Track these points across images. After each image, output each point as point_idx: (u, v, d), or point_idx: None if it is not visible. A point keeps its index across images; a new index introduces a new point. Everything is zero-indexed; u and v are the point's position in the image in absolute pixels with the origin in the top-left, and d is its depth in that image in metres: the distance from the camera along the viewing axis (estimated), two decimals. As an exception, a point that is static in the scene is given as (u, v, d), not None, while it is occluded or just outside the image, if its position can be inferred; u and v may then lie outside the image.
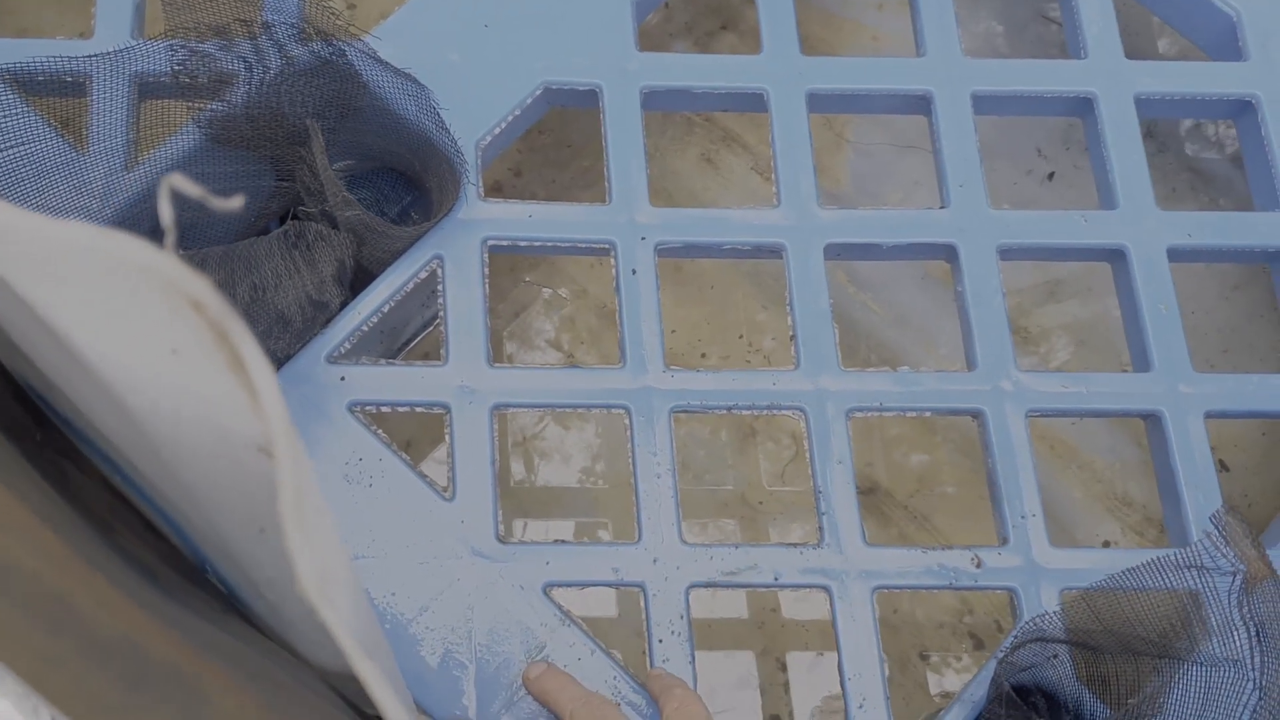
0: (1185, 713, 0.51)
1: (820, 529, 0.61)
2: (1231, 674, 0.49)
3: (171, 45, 0.59)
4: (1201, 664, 0.50)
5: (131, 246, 0.19)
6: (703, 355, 0.80)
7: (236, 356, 0.20)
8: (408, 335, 0.75)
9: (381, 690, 0.23)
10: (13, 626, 0.24)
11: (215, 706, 0.30)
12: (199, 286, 0.19)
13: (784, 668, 0.75)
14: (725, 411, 0.63)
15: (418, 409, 0.62)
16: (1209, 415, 0.62)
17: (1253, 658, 0.48)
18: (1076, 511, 0.76)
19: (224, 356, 0.20)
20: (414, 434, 0.77)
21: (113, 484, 0.58)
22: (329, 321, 0.63)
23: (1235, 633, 0.48)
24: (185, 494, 0.38)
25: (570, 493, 0.77)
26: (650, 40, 0.68)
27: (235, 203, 0.21)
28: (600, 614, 0.75)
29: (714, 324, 0.81)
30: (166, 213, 0.21)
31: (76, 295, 0.24)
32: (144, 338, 0.23)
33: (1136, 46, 0.69)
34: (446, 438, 0.61)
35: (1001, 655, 0.58)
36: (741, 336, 0.81)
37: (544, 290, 0.80)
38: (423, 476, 0.60)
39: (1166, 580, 0.50)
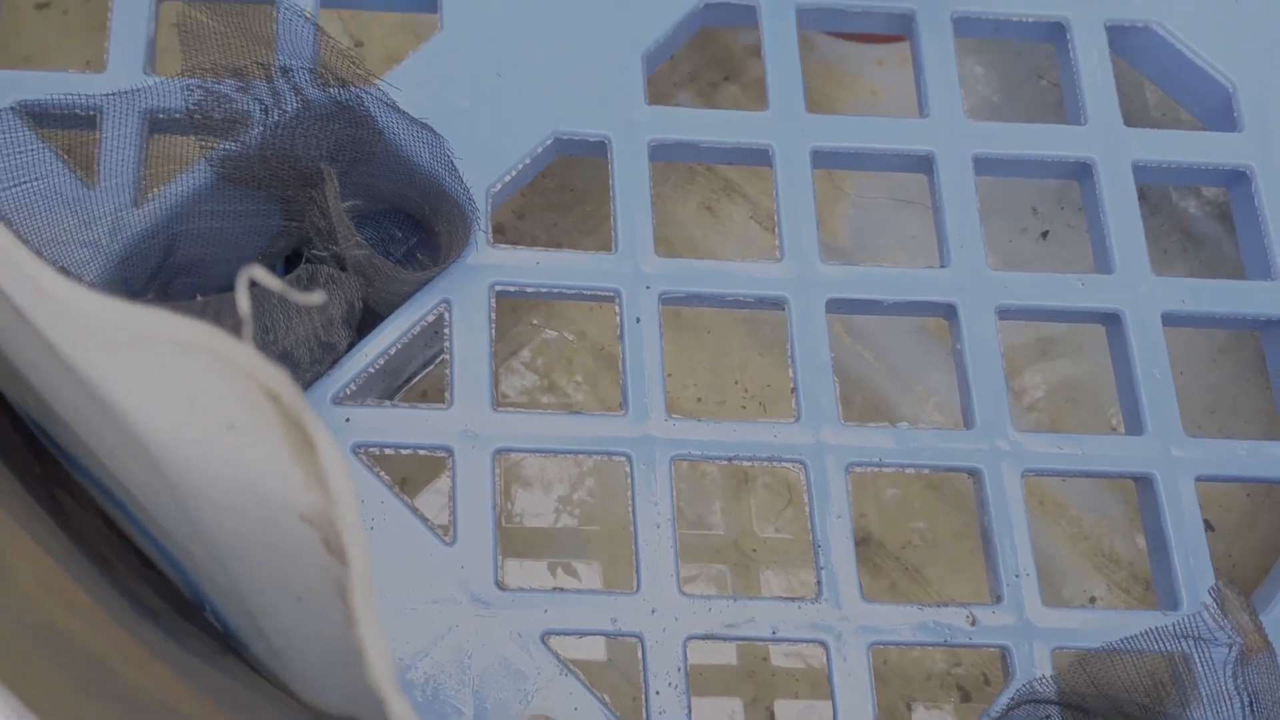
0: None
1: (819, 583, 0.61)
2: (1222, 741, 0.50)
3: (188, 85, 0.60)
4: (1193, 730, 0.51)
5: (211, 336, 0.19)
6: (698, 400, 0.81)
7: (308, 443, 0.20)
8: (408, 374, 0.76)
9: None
10: (62, 693, 0.25)
11: None
12: (276, 378, 0.19)
13: (772, 716, 0.75)
14: (726, 461, 0.63)
15: (421, 451, 0.62)
16: (1200, 479, 0.64)
17: (1244, 726, 0.49)
18: (1064, 567, 0.77)
19: (290, 440, 0.20)
20: (410, 471, 0.77)
21: (107, 515, 0.58)
22: (335, 363, 0.63)
23: (1229, 703, 0.49)
24: (203, 543, 0.38)
25: (561, 533, 0.78)
26: (654, 89, 0.69)
27: (316, 298, 0.22)
28: (591, 658, 0.75)
29: (709, 369, 0.82)
30: (244, 304, 0.21)
31: (128, 363, 0.24)
32: (200, 410, 0.23)
33: (1129, 109, 0.71)
34: (449, 481, 0.61)
35: (994, 716, 0.59)
36: (737, 382, 0.82)
37: (545, 331, 0.81)
38: (424, 520, 0.61)
39: (1162, 648, 0.51)
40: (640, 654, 0.59)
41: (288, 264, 0.70)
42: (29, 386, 0.42)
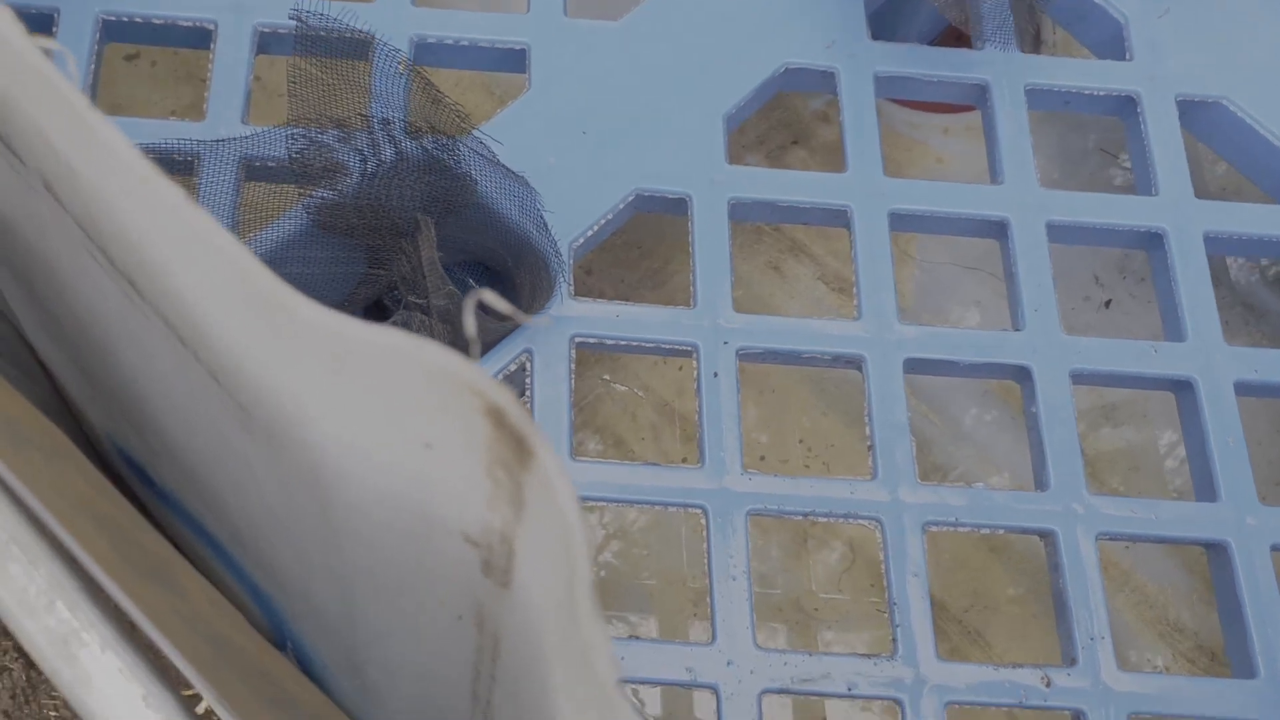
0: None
1: (894, 640, 0.61)
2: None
3: (292, 134, 0.62)
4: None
5: (442, 354, 0.20)
6: (761, 458, 0.82)
7: (528, 454, 0.21)
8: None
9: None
10: (243, 697, 0.25)
11: None
12: (502, 394, 0.20)
13: (837, 778, 0.75)
14: (802, 517, 0.64)
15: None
16: (1275, 548, 0.64)
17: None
18: (1128, 635, 0.77)
19: (498, 455, 0.21)
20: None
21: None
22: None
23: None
24: (329, 569, 0.39)
25: (621, 588, 0.78)
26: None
27: (544, 320, 0.23)
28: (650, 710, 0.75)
29: (772, 426, 0.83)
30: (471, 325, 0.22)
31: (338, 378, 0.25)
32: (401, 427, 0.24)
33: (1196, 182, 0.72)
34: (528, 528, 0.62)
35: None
36: (801, 441, 0.83)
37: (613, 385, 0.82)
38: (503, 566, 0.61)
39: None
40: (715, 705, 0.59)
41: (366, 314, 0.72)
42: (135, 421, 0.43)
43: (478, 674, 0.38)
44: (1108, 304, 0.84)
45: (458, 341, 0.65)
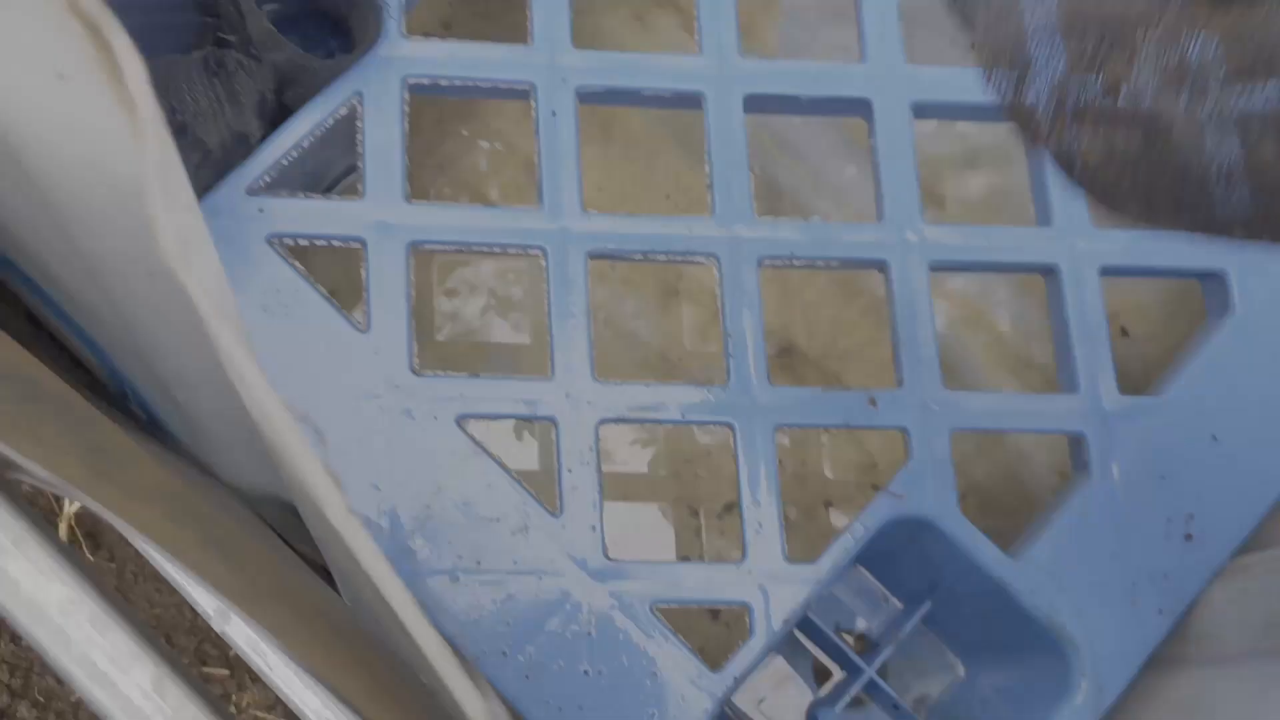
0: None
1: (727, 371, 0.63)
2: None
3: None
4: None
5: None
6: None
7: (107, 48, 0.20)
8: (330, 180, 0.76)
9: (244, 360, 0.24)
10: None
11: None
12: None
13: (696, 514, 0.78)
14: (641, 257, 0.64)
15: (335, 243, 0.63)
16: (1105, 270, 0.65)
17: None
18: (979, 372, 0.79)
19: (103, 66, 0.21)
20: (338, 283, 0.78)
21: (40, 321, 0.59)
22: (249, 155, 0.63)
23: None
24: (82, 262, 0.38)
25: (485, 339, 0.79)
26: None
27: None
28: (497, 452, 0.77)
29: (640, 183, 0.82)
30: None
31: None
32: (31, 59, 0.24)
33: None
34: (363, 272, 0.62)
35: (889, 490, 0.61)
36: (669, 197, 0.82)
37: (478, 142, 0.81)
38: (339, 309, 0.61)
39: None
40: (554, 436, 0.61)
41: (204, 65, 0.70)
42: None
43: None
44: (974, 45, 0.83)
45: (288, 92, 0.64)
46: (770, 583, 0.60)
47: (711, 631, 0.77)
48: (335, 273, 0.78)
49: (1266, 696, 0.50)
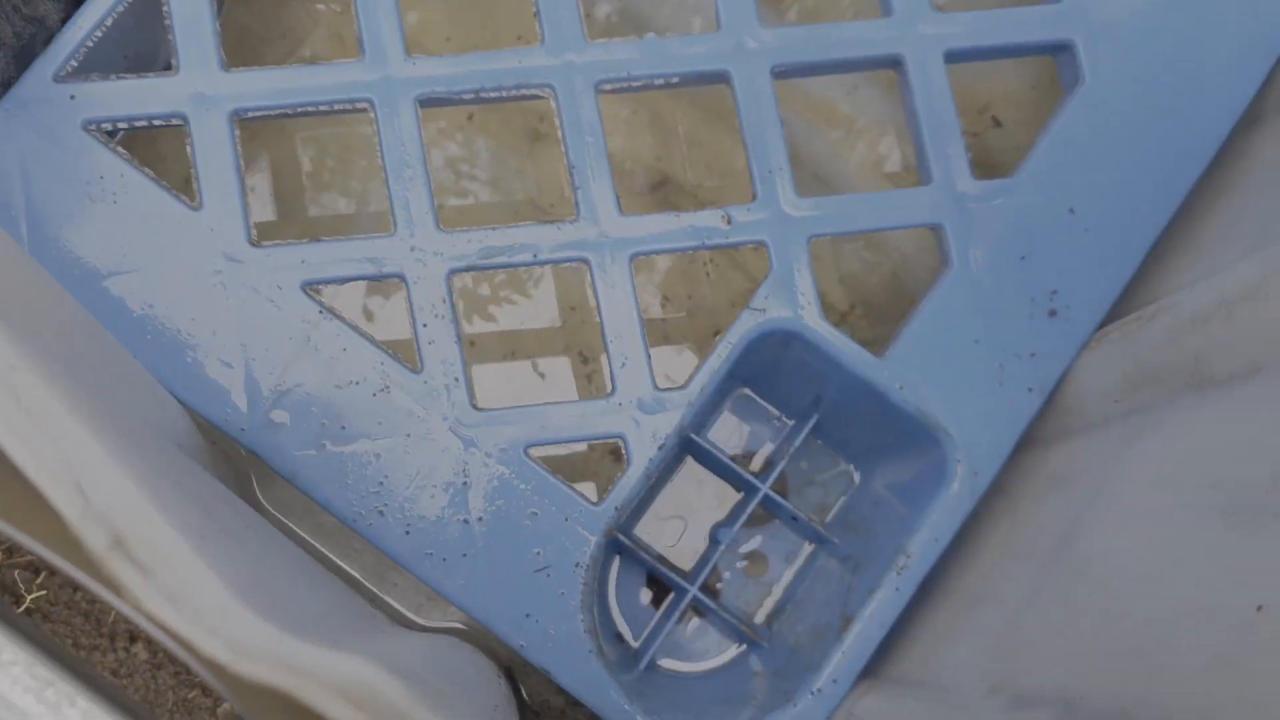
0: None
1: (575, 204, 0.61)
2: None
3: None
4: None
5: None
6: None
7: None
8: (164, 64, 0.73)
9: None
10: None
11: None
12: None
13: (586, 360, 0.77)
14: (473, 97, 0.62)
15: (155, 122, 0.60)
16: (948, 57, 0.63)
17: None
18: (852, 179, 0.78)
19: None
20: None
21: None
22: (50, 40, 0.60)
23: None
24: None
25: (333, 210, 0.77)
26: None
27: None
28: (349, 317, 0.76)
29: (487, 28, 0.79)
30: None
31: None
32: None
33: None
34: (187, 149, 0.60)
35: (754, 306, 0.61)
36: (520, 37, 0.79)
37: (315, 6, 0.78)
38: (167, 189, 0.59)
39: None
40: (406, 292, 0.60)
41: None
42: None
43: None
44: None
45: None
46: (641, 412, 0.60)
47: (615, 472, 0.78)
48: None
49: (1121, 456, 0.51)
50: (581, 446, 0.76)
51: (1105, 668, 0.40)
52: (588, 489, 0.74)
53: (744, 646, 0.68)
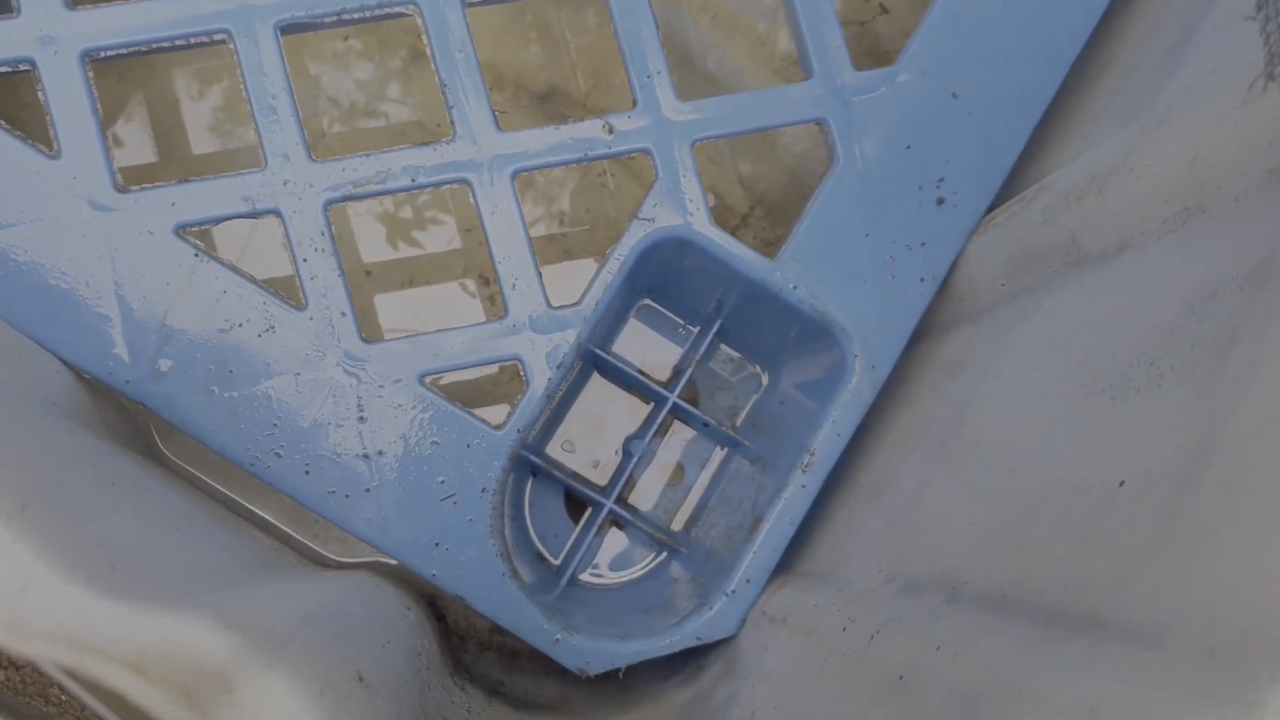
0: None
1: (451, 123, 0.60)
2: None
3: None
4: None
5: None
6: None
7: None
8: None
9: None
10: None
11: None
12: None
13: (488, 282, 0.76)
14: (335, 19, 0.60)
15: (2, 69, 0.58)
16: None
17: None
18: (744, 79, 0.76)
19: None
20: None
21: None
22: (-122, -11, 0.57)
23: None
24: None
25: (201, 150, 0.74)
26: None
27: None
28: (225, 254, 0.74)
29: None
30: None
31: None
32: None
33: None
34: (39, 95, 0.57)
35: (642, 216, 0.60)
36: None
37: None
38: (22, 139, 0.57)
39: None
40: (282, 227, 0.58)
41: None
42: None
43: None
44: None
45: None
46: (536, 332, 0.60)
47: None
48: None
49: (1006, 339, 0.51)
50: (492, 370, 0.75)
51: (987, 550, 0.40)
52: (499, 411, 0.73)
53: (663, 554, 0.68)
